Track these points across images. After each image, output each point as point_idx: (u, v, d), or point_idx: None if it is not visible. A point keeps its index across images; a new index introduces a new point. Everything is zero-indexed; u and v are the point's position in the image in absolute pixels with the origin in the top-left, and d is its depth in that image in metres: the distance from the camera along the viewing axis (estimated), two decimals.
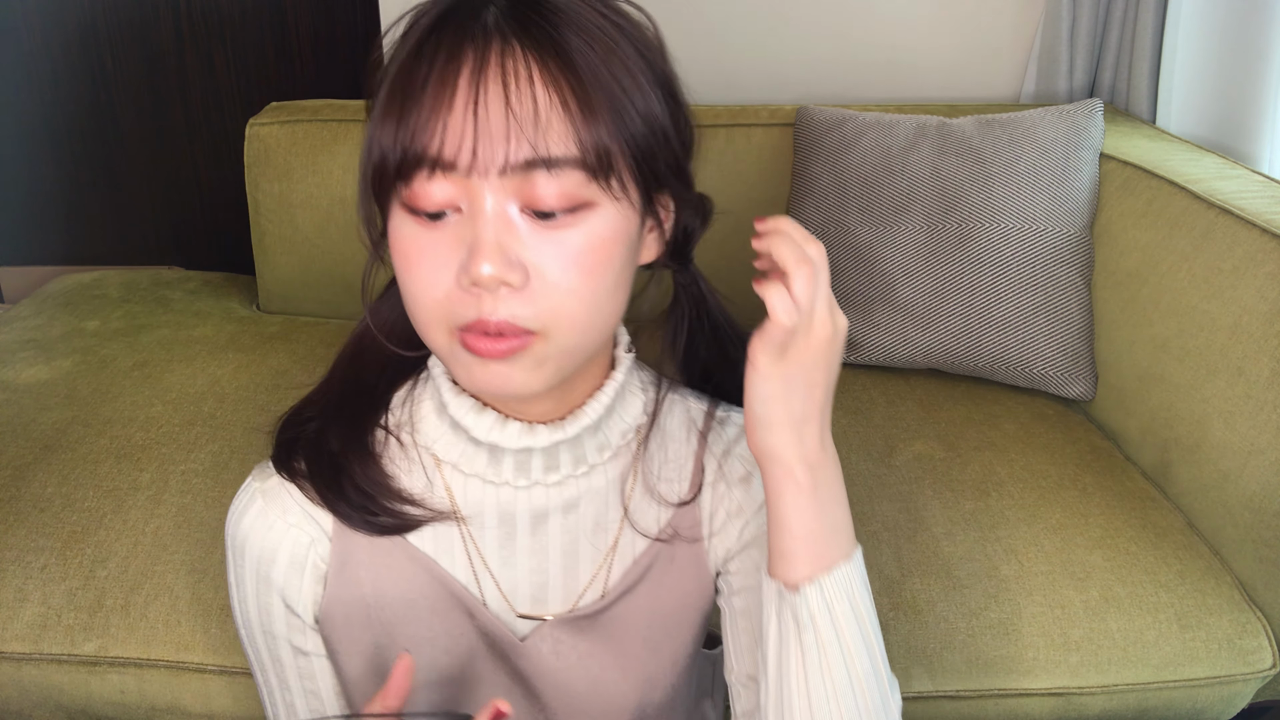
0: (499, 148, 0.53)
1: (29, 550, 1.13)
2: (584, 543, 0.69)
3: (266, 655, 0.71)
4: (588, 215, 0.55)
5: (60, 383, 1.42)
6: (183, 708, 1.09)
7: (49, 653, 1.07)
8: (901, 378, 1.51)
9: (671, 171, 0.60)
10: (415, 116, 0.53)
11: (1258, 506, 1.12)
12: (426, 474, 0.68)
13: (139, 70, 2.37)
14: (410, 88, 0.54)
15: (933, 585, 1.12)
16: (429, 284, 0.56)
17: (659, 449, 0.71)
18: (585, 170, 0.54)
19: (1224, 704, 1.13)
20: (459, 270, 0.54)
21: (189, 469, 1.24)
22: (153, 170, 2.46)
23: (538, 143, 0.53)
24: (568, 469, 0.67)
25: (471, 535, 0.69)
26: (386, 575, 0.68)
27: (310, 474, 0.67)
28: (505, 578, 0.69)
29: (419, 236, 0.56)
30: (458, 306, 0.55)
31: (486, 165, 0.53)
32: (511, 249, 0.54)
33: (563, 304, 0.55)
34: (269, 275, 1.72)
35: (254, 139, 1.66)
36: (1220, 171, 1.41)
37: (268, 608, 0.68)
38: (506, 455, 0.65)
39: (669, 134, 0.59)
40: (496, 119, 0.52)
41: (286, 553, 0.67)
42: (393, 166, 0.54)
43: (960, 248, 1.47)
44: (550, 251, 0.55)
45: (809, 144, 1.60)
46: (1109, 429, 1.41)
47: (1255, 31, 1.51)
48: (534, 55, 0.53)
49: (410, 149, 0.54)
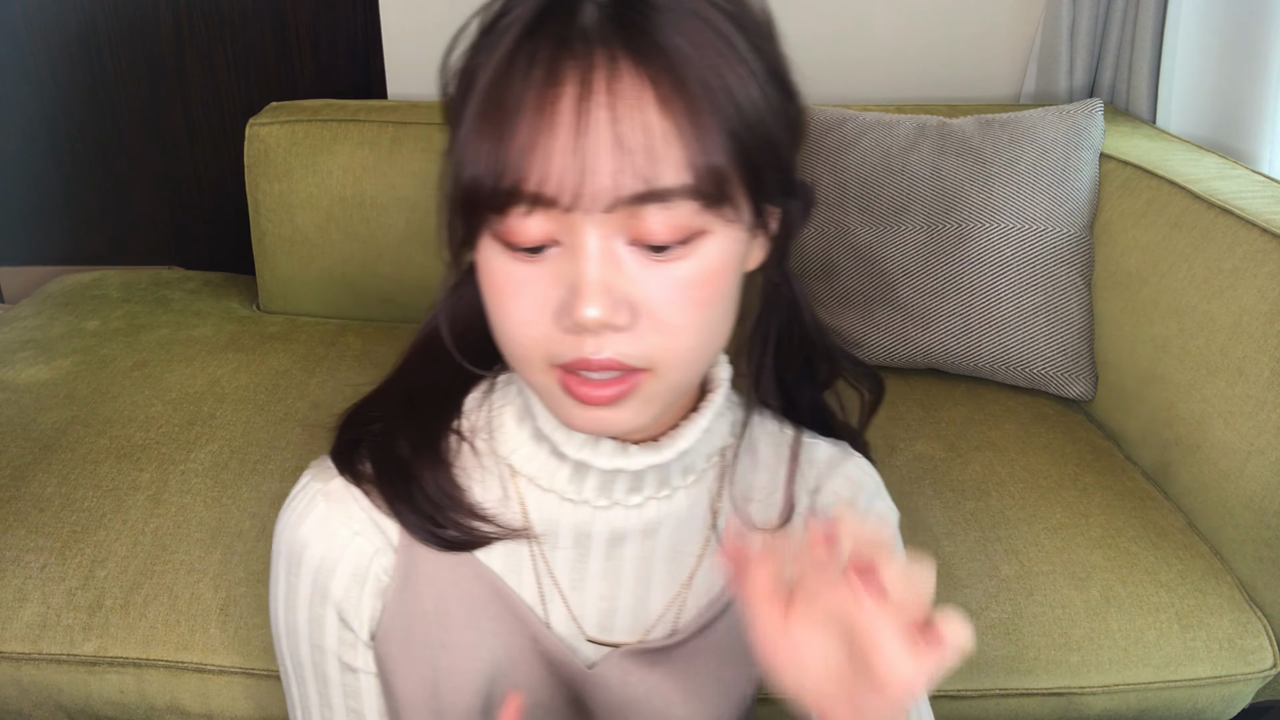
0: (606, 182, 0.47)
1: (29, 550, 1.12)
2: (660, 570, 0.66)
3: (310, 671, 0.66)
4: (700, 244, 0.50)
5: (60, 383, 1.42)
6: (182, 708, 1.09)
7: (49, 653, 1.06)
8: (901, 378, 1.50)
9: (782, 177, 0.55)
10: (511, 143, 0.48)
11: (1258, 506, 1.12)
12: (502, 485, 0.64)
13: (139, 70, 2.37)
14: (505, 105, 0.48)
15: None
16: (524, 321, 0.51)
17: (749, 472, 0.67)
18: (699, 199, 0.49)
19: (1224, 704, 1.13)
20: (558, 309, 0.50)
21: (189, 469, 1.24)
22: (153, 170, 2.46)
23: (649, 176, 0.47)
24: (650, 490, 0.62)
25: (544, 554, 0.64)
26: (451, 592, 0.64)
27: (378, 479, 0.62)
28: (575, 600, 0.65)
29: (513, 271, 0.51)
30: (556, 346, 0.51)
31: (592, 202, 0.48)
32: (618, 287, 0.49)
33: (674, 340, 0.51)
34: (269, 275, 1.72)
35: (254, 139, 1.66)
36: (1220, 171, 1.41)
37: (320, 620, 0.63)
38: (591, 473, 0.61)
39: (781, 138, 0.53)
40: (604, 150, 0.47)
41: (350, 564, 0.62)
42: (486, 196, 0.49)
43: (960, 248, 1.47)
44: (660, 287, 0.50)
45: (809, 144, 1.60)
46: (1109, 429, 1.41)
47: (1255, 31, 1.51)
48: (644, 70, 0.47)
49: (507, 182, 0.48)
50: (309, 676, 0.66)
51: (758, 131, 0.51)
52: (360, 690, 0.66)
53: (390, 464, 0.62)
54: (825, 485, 0.68)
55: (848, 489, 0.68)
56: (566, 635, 0.66)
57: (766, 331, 0.63)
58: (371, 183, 1.62)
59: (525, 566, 0.65)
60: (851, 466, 0.69)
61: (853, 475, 0.69)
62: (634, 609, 0.66)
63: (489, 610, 0.64)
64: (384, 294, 1.68)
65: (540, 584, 0.65)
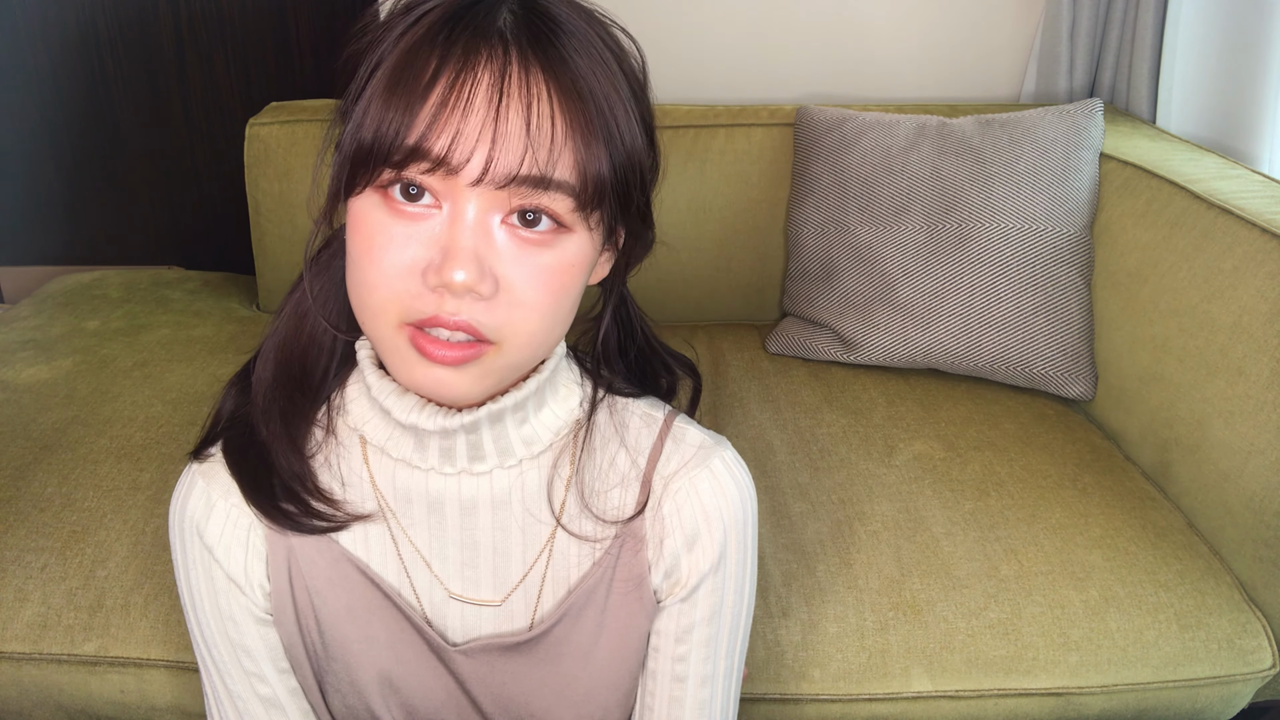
0: (514, 162, 0.53)
1: (29, 550, 1.13)
2: (516, 539, 0.68)
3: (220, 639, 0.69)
4: (563, 238, 0.56)
5: (60, 383, 1.42)
6: (183, 708, 1.09)
7: (49, 653, 1.07)
8: (901, 378, 1.51)
9: (639, 207, 0.61)
10: (422, 108, 0.53)
11: (1258, 506, 1.12)
12: (358, 458, 0.68)
13: (139, 70, 2.37)
14: (419, 76, 0.53)
15: (933, 585, 1.12)
16: (391, 273, 0.55)
17: (600, 452, 0.68)
18: (575, 199, 0.55)
19: (1224, 704, 1.13)
20: (427, 268, 0.54)
21: None
22: (153, 170, 2.46)
23: (551, 165, 0.53)
24: (494, 460, 0.65)
25: (403, 527, 0.68)
26: (319, 574, 0.68)
27: (234, 469, 0.66)
28: (438, 567, 0.69)
29: (389, 223, 0.55)
30: (414, 301, 0.55)
31: (496, 177, 0.53)
32: (486, 259, 0.55)
33: (524, 319, 0.57)
34: (269, 275, 1.72)
35: (254, 139, 1.66)
36: (1220, 171, 1.41)
37: (215, 582, 0.68)
38: (431, 439, 0.64)
39: (647, 175, 0.60)
40: (516, 134, 0.53)
41: (229, 530, 0.67)
42: (387, 151, 0.53)
43: (960, 248, 1.47)
44: (523, 267, 0.56)
45: (809, 144, 1.60)
46: (1109, 429, 1.41)
47: (1255, 31, 1.51)
48: (551, 77, 0.54)
49: (415, 141, 0.53)
50: (220, 647, 0.69)
51: (631, 162, 0.58)
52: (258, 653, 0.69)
53: (248, 452, 0.66)
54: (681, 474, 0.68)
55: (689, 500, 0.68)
56: (434, 599, 0.69)
57: (607, 335, 0.70)
58: None
59: (386, 545, 0.68)
60: (716, 460, 0.69)
61: (716, 472, 0.68)
62: (494, 572, 0.69)
63: (360, 592, 0.68)
64: None
65: (402, 556, 0.68)
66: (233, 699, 0.70)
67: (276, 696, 0.70)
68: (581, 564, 0.69)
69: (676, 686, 0.71)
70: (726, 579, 0.69)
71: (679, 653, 0.70)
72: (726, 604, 0.70)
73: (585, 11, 0.59)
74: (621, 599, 0.69)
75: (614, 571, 0.69)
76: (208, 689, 0.72)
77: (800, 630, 1.08)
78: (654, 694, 0.71)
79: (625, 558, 0.69)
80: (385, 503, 0.68)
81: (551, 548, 0.69)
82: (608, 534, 0.68)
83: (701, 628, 0.70)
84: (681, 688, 0.71)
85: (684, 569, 0.68)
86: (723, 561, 0.68)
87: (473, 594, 0.69)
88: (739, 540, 0.69)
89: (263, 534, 0.68)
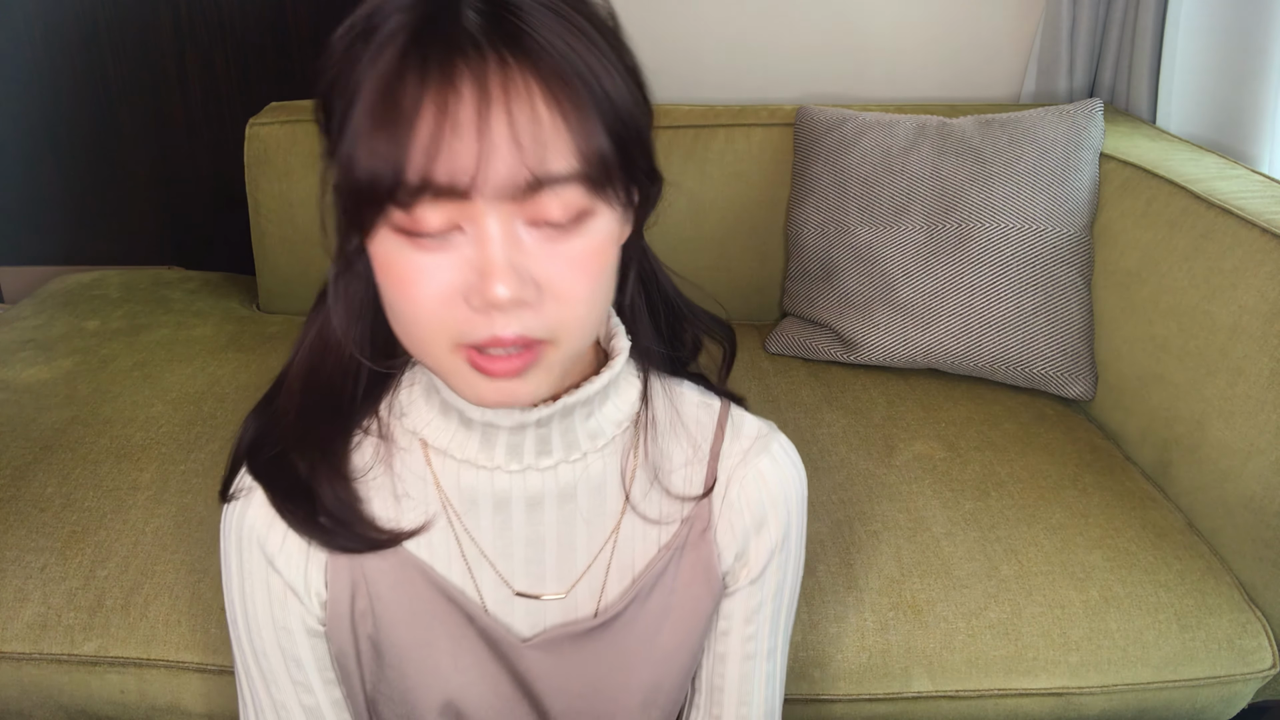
0: (505, 172, 0.51)
1: (29, 550, 1.13)
2: (581, 531, 0.69)
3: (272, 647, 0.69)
4: (589, 222, 0.55)
5: (60, 383, 1.42)
6: (183, 708, 1.09)
7: (49, 653, 1.07)
8: (901, 378, 1.51)
9: (647, 162, 0.60)
10: (413, 139, 0.51)
11: (1258, 506, 1.12)
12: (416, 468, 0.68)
13: (139, 70, 2.37)
14: (401, 105, 0.51)
15: (933, 585, 1.12)
16: (431, 306, 0.54)
17: (663, 438, 0.70)
18: (586, 183, 0.54)
19: (1224, 704, 1.13)
20: (468, 292, 0.53)
21: (189, 469, 1.24)
22: (153, 170, 2.46)
23: (542, 165, 0.52)
24: (560, 454, 0.66)
25: (467, 528, 0.68)
26: (381, 580, 0.68)
27: (278, 504, 0.65)
28: (503, 566, 0.69)
29: (415, 259, 0.54)
30: (465, 326, 0.54)
31: (495, 191, 0.52)
32: (522, 266, 0.53)
33: (572, 311, 0.56)
34: (269, 275, 1.72)
35: (254, 139, 1.66)
36: (1220, 171, 1.41)
37: (281, 599, 0.68)
38: (500, 436, 0.65)
39: (645, 127, 0.58)
40: (502, 143, 0.51)
41: (292, 542, 0.67)
42: (386, 191, 0.52)
43: (960, 248, 1.47)
44: (558, 262, 0.55)
45: (809, 144, 1.60)
46: (1109, 429, 1.41)
47: (1255, 31, 1.51)
48: (530, 69, 0.52)
49: (411, 176, 0.51)
50: (270, 654, 0.69)
51: (628, 121, 0.56)
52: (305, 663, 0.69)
53: (288, 486, 0.66)
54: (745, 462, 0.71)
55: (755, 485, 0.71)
56: (500, 599, 0.69)
57: (634, 298, 0.70)
58: None
59: (450, 547, 0.68)
60: (775, 446, 0.73)
61: (776, 455, 0.73)
62: (559, 565, 0.69)
63: (423, 595, 0.68)
64: None
65: (466, 557, 0.68)
66: (275, 708, 0.70)
67: (319, 707, 0.71)
68: (647, 550, 0.71)
69: (747, 664, 0.74)
70: (789, 557, 0.73)
71: (748, 632, 0.73)
72: (787, 580, 0.74)
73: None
74: (688, 582, 0.71)
75: (681, 554, 0.70)
76: (246, 697, 0.72)
77: (800, 630, 1.08)
78: (724, 675, 0.74)
79: (692, 540, 0.70)
80: (449, 504, 0.68)
81: (616, 538, 0.70)
82: (676, 515, 0.70)
83: (767, 605, 0.73)
84: (752, 664, 0.74)
85: (752, 551, 0.71)
86: (785, 540, 0.72)
87: (537, 589, 0.70)
88: (799, 519, 0.74)
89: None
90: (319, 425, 0.67)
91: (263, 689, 0.71)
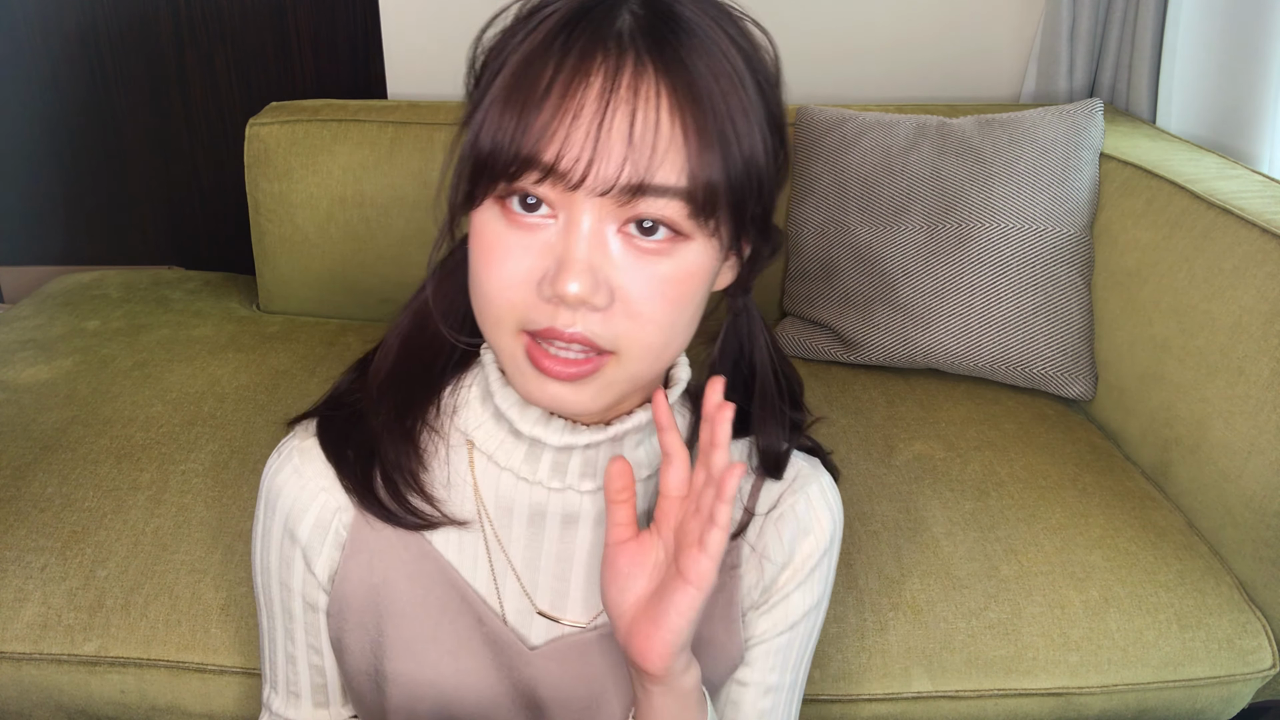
0: (614, 169, 0.52)
1: (29, 550, 1.13)
2: None
3: (279, 606, 0.71)
4: (682, 247, 0.55)
5: (60, 383, 1.42)
6: (183, 708, 1.09)
7: (49, 653, 1.07)
8: (901, 378, 1.51)
9: (763, 215, 0.59)
10: (536, 118, 0.52)
11: (1258, 506, 1.12)
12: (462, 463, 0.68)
13: (139, 70, 2.37)
14: (535, 85, 0.52)
15: (933, 585, 1.12)
16: (507, 284, 0.55)
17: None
18: (689, 204, 0.53)
19: (1224, 704, 1.13)
20: (542, 279, 0.54)
21: (189, 469, 1.24)
22: (153, 170, 2.46)
23: (652, 171, 0.52)
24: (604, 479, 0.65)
25: (497, 535, 0.68)
26: (399, 568, 0.68)
27: (334, 456, 0.67)
28: (528, 578, 0.69)
29: (506, 234, 0.55)
30: (532, 311, 0.55)
31: (598, 184, 0.52)
32: (601, 270, 0.54)
33: (642, 330, 0.55)
34: (269, 275, 1.72)
35: (254, 139, 1.66)
36: (1220, 171, 1.41)
37: (289, 562, 0.69)
38: (546, 453, 0.65)
39: (768, 177, 0.57)
40: (619, 140, 0.52)
41: (314, 514, 0.68)
42: (503, 163, 0.53)
43: (960, 248, 1.47)
44: (639, 277, 0.54)
45: (809, 144, 1.60)
46: (1109, 429, 1.41)
47: (1255, 31, 1.51)
48: (664, 79, 0.52)
49: (528, 152, 0.52)
50: (277, 611, 0.72)
51: (750, 166, 0.55)
52: (321, 629, 0.71)
53: (347, 439, 0.67)
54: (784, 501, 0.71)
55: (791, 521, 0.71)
56: (519, 610, 0.69)
57: (723, 350, 0.69)
58: (371, 183, 1.62)
59: (479, 552, 0.68)
60: (814, 487, 0.72)
61: (812, 497, 0.71)
62: (586, 592, 0.69)
63: (435, 590, 0.68)
64: (384, 294, 1.68)
65: (493, 564, 0.68)
66: (270, 640, 0.74)
67: (297, 659, 0.73)
68: None
69: (765, 699, 0.73)
70: (808, 595, 0.72)
71: (747, 658, 0.72)
72: (811, 614, 0.72)
73: (715, 6, 0.56)
74: (707, 616, 0.70)
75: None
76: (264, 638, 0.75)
77: None
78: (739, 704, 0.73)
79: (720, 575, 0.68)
80: (485, 510, 0.68)
81: None
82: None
83: (772, 638, 0.72)
84: (741, 691, 0.73)
85: (777, 585, 0.71)
86: (810, 579, 0.71)
87: (560, 610, 0.70)
88: (828, 562, 0.72)
89: (348, 521, 0.68)
90: (402, 389, 0.67)
91: (265, 619, 0.74)
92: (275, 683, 0.75)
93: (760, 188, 0.57)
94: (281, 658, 0.74)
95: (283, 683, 0.75)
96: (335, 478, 0.67)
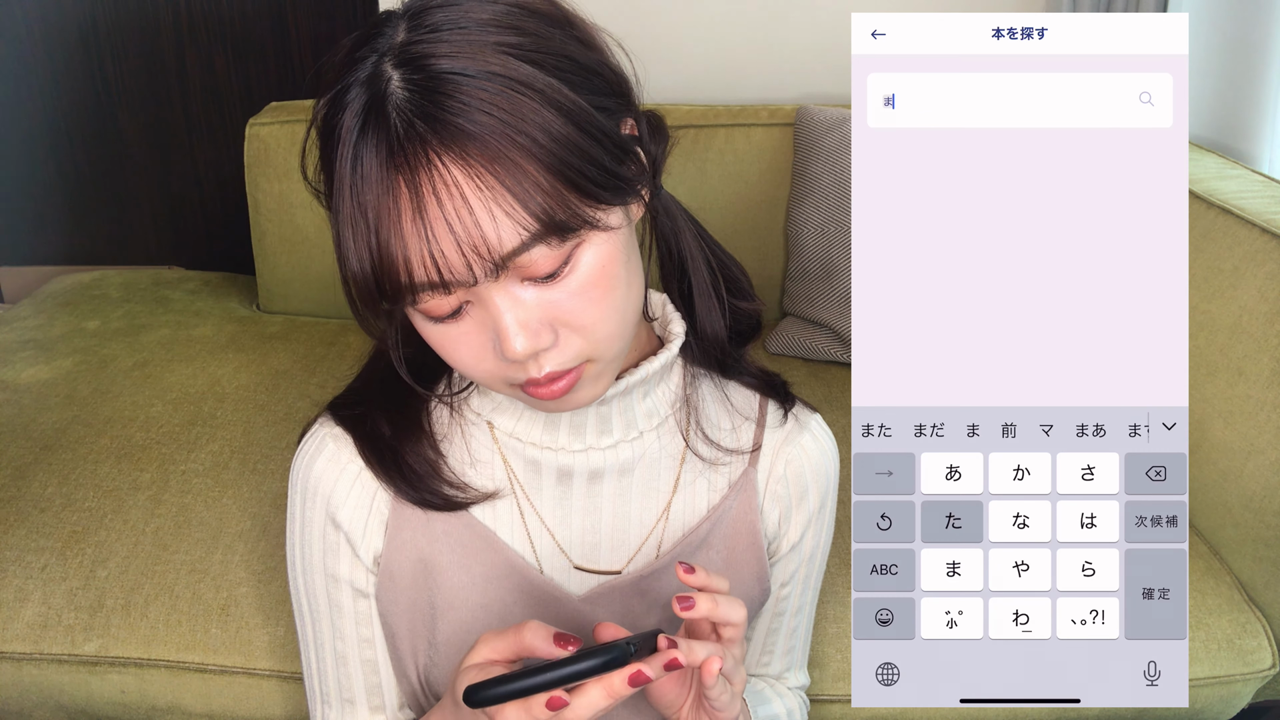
0: (464, 266, 0.52)
1: (29, 550, 1.13)
2: (636, 504, 0.72)
3: (325, 602, 0.71)
4: (580, 254, 0.55)
5: (60, 383, 1.42)
6: (183, 708, 1.09)
7: (49, 653, 1.07)
8: None
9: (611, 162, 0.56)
10: (380, 249, 0.53)
11: (1258, 506, 1.12)
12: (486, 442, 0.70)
13: (139, 70, 2.37)
14: (364, 212, 0.53)
15: None
16: (472, 362, 0.58)
17: (715, 415, 0.74)
18: (553, 233, 0.53)
19: (1224, 704, 1.13)
20: (494, 349, 0.56)
21: (189, 469, 1.24)
22: (153, 170, 2.46)
23: (500, 244, 0.52)
24: (620, 433, 0.69)
25: (529, 499, 0.71)
26: (443, 539, 0.70)
27: (365, 456, 0.69)
28: (561, 535, 0.71)
29: (444, 330, 0.57)
30: (506, 372, 0.57)
31: (466, 279, 0.53)
32: (531, 320, 0.55)
33: (595, 331, 0.57)
34: (269, 275, 1.72)
35: (254, 139, 1.66)
36: (1220, 171, 1.41)
37: (334, 548, 0.70)
38: (562, 418, 0.68)
39: (602, 137, 0.55)
40: (449, 244, 0.52)
41: (357, 495, 0.69)
42: (376, 296, 0.55)
43: None
44: (564, 300, 0.56)
45: (809, 144, 1.60)
46: None
47: (1255, 31, 1.51)
48: (451, 155, 0.51)
49: (391, 285, 0.54)
50: (323, 608, 0.71)
51: (574, 152, 0.53)
52: (371, 616, 0.71)
53: (374, 443, 0.69)
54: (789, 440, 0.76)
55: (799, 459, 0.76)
56: (557, 568, 0.72)
57: (664, 260, 0.70)
58: None
59: (514, 517, 0.71)
60: (814, 423, 0.78)
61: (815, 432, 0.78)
62: (614, 539, 0.72)
63: (480, 557, 0.70)
64: None
65: (528, 527, 0.71)
66: (317, 645, 0.73)
67: (349, 657, 0.74)
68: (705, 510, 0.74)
69: (776, 620, 0.80)
70: (824, 524, 0.78)
71: (783, 594, 0.78)
72: (820, 544, 0.79)
73: (474, 21, 0.54)
74: (732, 545, 0.74)
75: (730, 517, 0.74)
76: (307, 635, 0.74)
77: None
78: (751, 628, 0.80)
79: (739, 509, 0.74)
80: (515, 476, 0.71)
81: (668, 514, 0.73)
82: (727, 460, 0.73)
83: (801, 568, 0.78)
84: (780, 620, 0.80)
85: (794, 520, 0.76)
86: (821, 509, 0.77)
87: (593, 562, 0.73)
88: (833, 489, 0.79)
89: (389, 499, 0.70)
90: (400, 389, 0.69)
91: (310, 627, 0.73)
92: (327, 695, 0.74)
93: (601, 155, 0.54)
94: (331, 661, 0.73)
95: (335, 691, 0.74)
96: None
